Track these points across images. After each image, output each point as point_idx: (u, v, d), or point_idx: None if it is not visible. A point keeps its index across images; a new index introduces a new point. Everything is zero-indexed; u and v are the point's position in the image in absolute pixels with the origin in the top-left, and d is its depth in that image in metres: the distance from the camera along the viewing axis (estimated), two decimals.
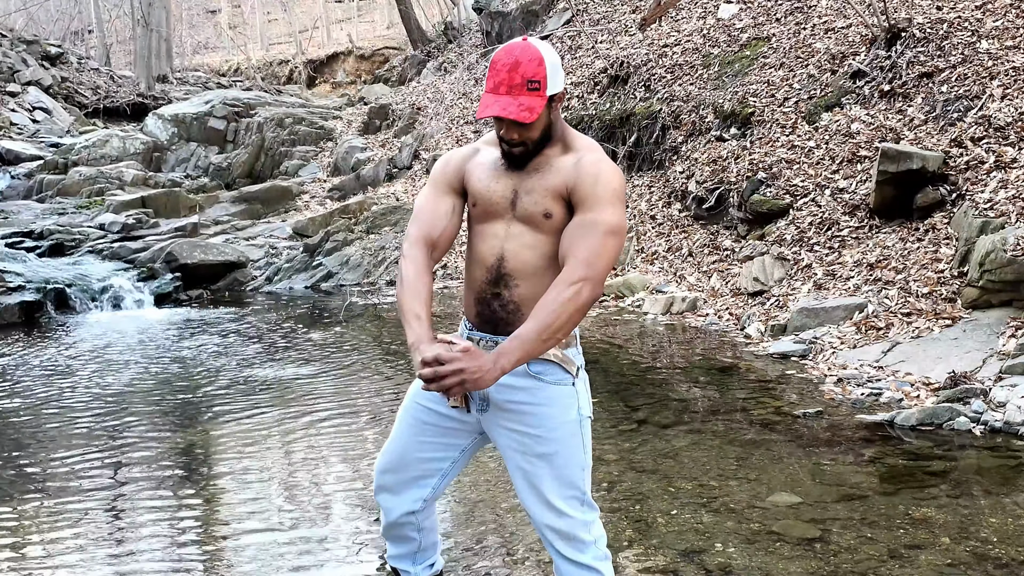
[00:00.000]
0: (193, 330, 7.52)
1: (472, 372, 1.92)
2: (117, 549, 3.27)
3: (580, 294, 1.99)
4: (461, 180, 2.25)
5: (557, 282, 2.01)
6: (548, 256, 2.13)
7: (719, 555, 3.02)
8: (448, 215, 2.24)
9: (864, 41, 8.26)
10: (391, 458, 2.35)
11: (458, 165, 2.27)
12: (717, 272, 7.58)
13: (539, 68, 2.04)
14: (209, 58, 34.25)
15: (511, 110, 2.02)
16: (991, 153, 6.28)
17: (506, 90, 2.03)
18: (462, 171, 2.25)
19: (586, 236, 2.04)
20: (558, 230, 2.11)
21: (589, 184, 2.07)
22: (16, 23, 26.09)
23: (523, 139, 2.09)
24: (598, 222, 2.04)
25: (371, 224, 10.66)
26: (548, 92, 2.05)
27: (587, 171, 2.09)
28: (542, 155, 2.15)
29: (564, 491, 2.16)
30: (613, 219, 2.05)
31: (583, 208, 2.07)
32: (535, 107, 2.03)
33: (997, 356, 4.83)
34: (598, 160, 2.11)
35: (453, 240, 2.27)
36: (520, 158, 2.13)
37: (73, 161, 13.67)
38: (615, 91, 10.68)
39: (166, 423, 4.87)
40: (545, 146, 2.14)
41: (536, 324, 1.97)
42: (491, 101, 2.05)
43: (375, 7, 36.31)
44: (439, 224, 2.23)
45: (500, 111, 2.02)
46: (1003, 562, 2.91)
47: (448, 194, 2.26)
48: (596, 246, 2.02)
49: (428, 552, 2.49)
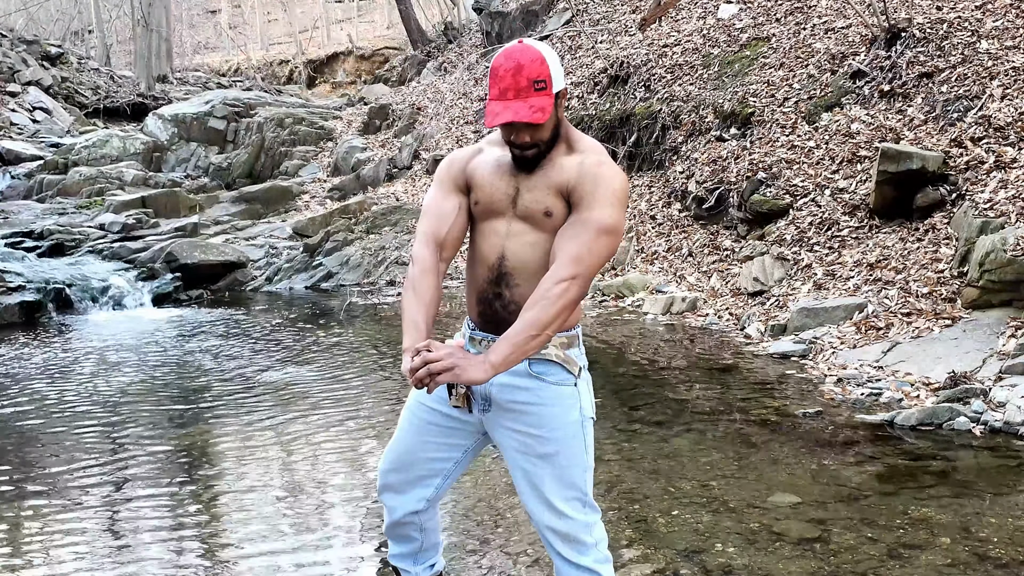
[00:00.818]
0: (193, 330, 7.52)
1: (460, 362, 1.94)
2: (117, 550, 3.27)
3: (568, 292, 1.99)
4: (465, 179, 2.25)
5: (545, 279, 2.01)
6: (546, 254, 2.12)
7: (719, 555, 3.02)
8: (454, 213, 2.24)
9: (864, 41, 8.26)
10: (395, 458, 2.36)
11: (462, 165, 2.27)
12: (717, 272, 7.58)
13: (542, 67, 2.04)
14: (209, 58, 34.26)
15: (523, 114, 2.02)
16: (991, 153, 6.28)
17: (514, 94, 2.03)
18: (466, 170, 2.26)
19: (578, 234, 2.04)
20: (557, 228, 2.11)
21: (589, 184, 2.07)
22: (16, 23, 26.08)
23: (535, 141, 2.09)
24: (592, 220, 2.04)
25: (371, 224, 10.66)
26: (554, 89, 2.06)
27: (589, 172, 2.09)
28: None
29: (566, 492, 2.16)
30: (609, 219, 2.04)
31: (580, 207, 2.07)
32: (545, 107, 2.04)
33: (997, 356, 4.84)
34: (601, 162, 2.11)
35: (461, 239, 2.27)
36: (533, 160, 2.12)
37: (73, 161, 13.67)
38: (615, 91, 10.69)
39: (166, 424, 4.87)
40: (554, 146, 2.14)
41: (523, 323, 1.98)
42: (501, 108, 2.04)
43: (375, 7, 36.31)
44: (446, 222, 2.23)
45: (513, 116, 2.01)
46: (1003, 562, 2.91)
47: (453, 193, 2.26)
48: (587, 243, 2.02)
49: (429, 552, 2.49)
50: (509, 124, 2.06)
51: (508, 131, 2.10)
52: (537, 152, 2.11)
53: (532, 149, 2.10)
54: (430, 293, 2.15)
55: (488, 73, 2.12)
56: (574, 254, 2.01)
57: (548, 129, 2.09)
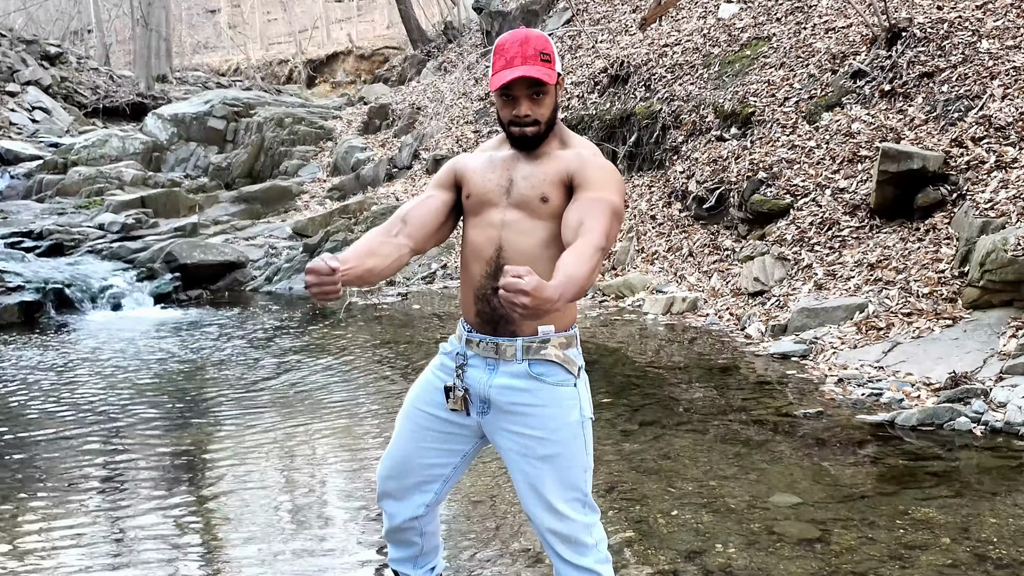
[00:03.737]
0: (192, 331, 7.51)
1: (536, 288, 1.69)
2: (116, 550, 3.27)
3: (599, 262, 1.95)
4: (455, 175, 2.28)
5: (580, 244, 1.93)
6: (543, 245, 2.12)
7: (719, 555, 3.01)
8: (427, 199, 2.27)
9: (864, 41, 8.25)
10: (393, 464, 2.34)
11: (453, 164, 2.31)
12: (717, 272, 7.57)
13: (547, 44, 2.10)
14: (209, 58, 34.25)
15: (533, 71, 2.04)
16: (992, 153, 6.28)
17: (521, 61, 2.06)
18: (456, 167, 2.29)
19: (597, 211, 2.01)
20: (554, 216, 2.11)
21: (592, 171, 2.10)
22: (16, 23, 26.07)
23: (536, 117, 2.11)
24: (604, 200, 2.04)
25: (371, 224, 10.64)
26: (556, 69, 2.11)
27: (590, 161, 2.12)
28: (540, 146, 2.17)
29: (566, 493, 2.15)
30: (619, 203, 2.07)
31: (589, 188, 2.07)
32: (551, 76, 2.08)
33: (998, 356, 4.83)
34: (597, 155, 2.17)
35: (429, 222, 2.23)
36: (532, 140, 2.13)
37: (72, 161, 13.66)
38: (615, 91, 10.68)
39: (165, 424, 4.86)
40: (551, 131, 2.16)
41: (571, 272, 1.83)
42: (508, 71, 2.05)
43: (375, 7, 36.27)
44: (418, 208, 2.25)
45: (523, 72, 2.04)
46: (1004, 562, 2.90)
47: (438, 187, 2.30)
48: (607, 220, 2.01)
49: (429, 556, 2.47)
50: (512, 97, 2.08)
51: (510, 106, 2.11)
52: (538, 131, 2.13)
53: (533, 126, 2.12)
54: (367, 244, 2.13)
55: (487, 73, 2.11)
56: (602, 229, 1.97)
57: (549, 107, 2.13)
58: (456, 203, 2.28)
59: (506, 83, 2.05)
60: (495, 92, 2.12)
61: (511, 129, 2.14)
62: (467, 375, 2.20)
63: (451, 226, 2.31)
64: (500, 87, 2.07)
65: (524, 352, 2.14)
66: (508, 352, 2.15)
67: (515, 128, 2.13)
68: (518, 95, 2.09)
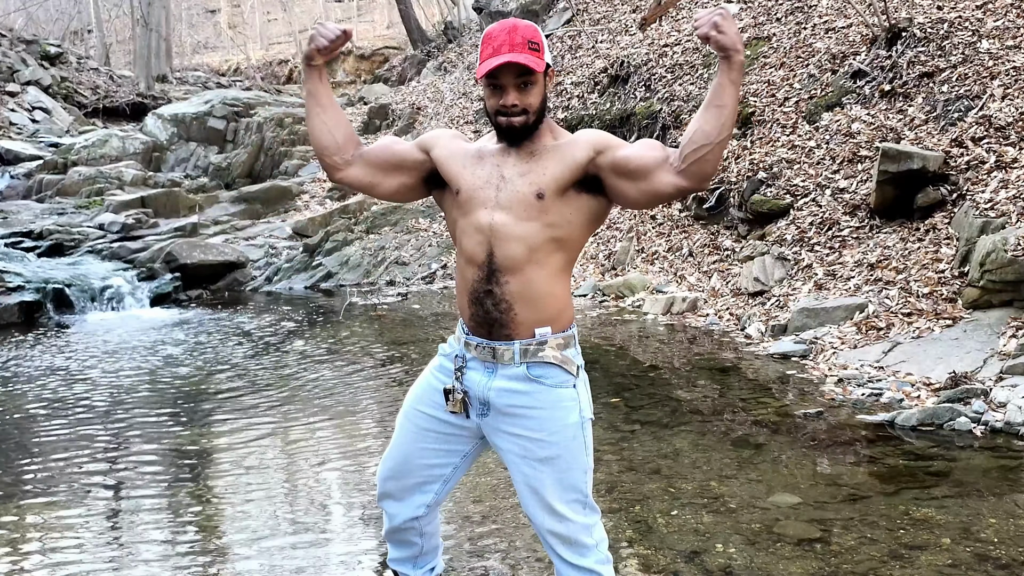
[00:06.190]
0: (192, 331, 7.51)
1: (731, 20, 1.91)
2: (116, 550, 3.27)
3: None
4: (428, 146, 2.25)
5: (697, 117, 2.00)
6: (533, 248, 2.08)
7: (720, 556, 3.01)
8: (398, 143, 2.33)
9: (864, 41, 8.25)
10: (393, 465, 2.34)
11: (437, 135, 2.28)
12: (717, 272, 7.57)
13: (536, 33, 2.07)
14: (209, 58, 34.24)
15: (520, 58, 2.00)
16: (992, 153, 6.28)
17: (509, 48, 2.02)
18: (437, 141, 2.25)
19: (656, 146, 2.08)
20: (545, 214, 2.07)
21: (614, 140, 2.12)
22: (16, 23, 26.06)
23: (524, 106, 2.06)
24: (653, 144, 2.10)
25: (371, 224, 10.65)
26: (545, 59, 2.07)
27: (598, 135, 2.14)
28: (532, 140, 2.11)
29: (566, 495, 2.15)
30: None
31: (624, 144, 2.12)
32: (539, 64, 2.04)
33: (998, 356, 4.83)
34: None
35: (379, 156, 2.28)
36: (520, 131, 2.08)
37: (72, 161, 13.65)
38: (615, 91, 10.68)
39: (165, 424, 4.86)
40: (540, 123, 2.11)
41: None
42: (494, 58, 2.02)
43: (375, 7, 36.27)
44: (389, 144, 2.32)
45: (510, 57, 2.00)
46: (1004, 563, 2.90)
47: (415, 145, 2.29)
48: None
49: (429, 556, 2.48)
50: (499, 86, 2.04)
51: (497, 95, 2.07)
52: (525, 121, 2.07)
53: (520, 116, 2.07)
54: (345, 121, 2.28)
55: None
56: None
57: (537, 97, 2.07)
58: (420, 170, 2.26)
59: (492, 69, 2.01)
60: (482, 80, 2.07)
61: (498, 119, 2.09)
62: (466, 377, 2.19)
63: (396, 183, 2.27)
64: (486, 74, 2.03)
65: (522, 355, 2.12)
66: (505, 356, 2.13)
67: (502, 118, 2.08)
68: (505, 83, 2.04)
